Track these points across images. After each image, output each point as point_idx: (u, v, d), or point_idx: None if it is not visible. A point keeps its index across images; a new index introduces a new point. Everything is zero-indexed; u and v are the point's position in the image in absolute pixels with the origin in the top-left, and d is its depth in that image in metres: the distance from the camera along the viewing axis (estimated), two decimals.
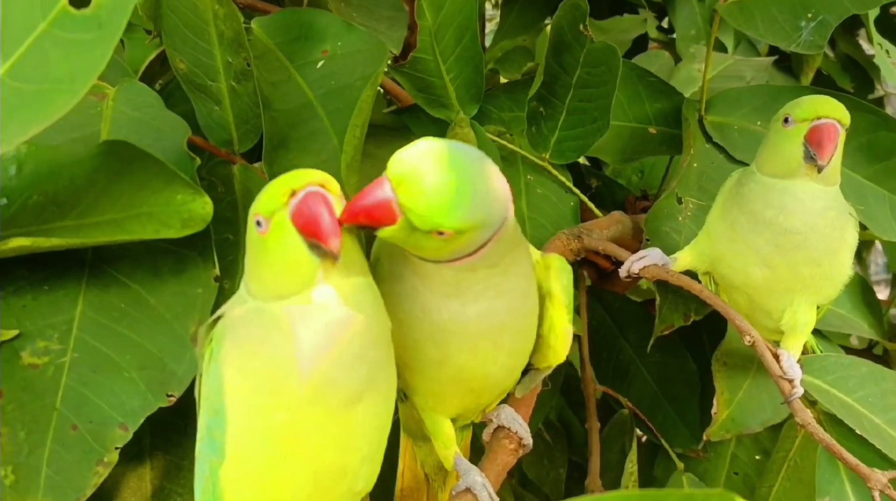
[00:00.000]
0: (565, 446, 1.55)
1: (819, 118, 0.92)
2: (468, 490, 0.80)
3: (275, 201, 0.64)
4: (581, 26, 1.11)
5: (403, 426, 0.94)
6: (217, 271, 0.80)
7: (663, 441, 1.27)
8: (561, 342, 0.84)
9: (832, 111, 0.92)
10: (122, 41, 1.05)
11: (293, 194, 0.64)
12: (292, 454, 0.64)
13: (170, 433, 0.91)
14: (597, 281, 1.43)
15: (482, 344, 0.76)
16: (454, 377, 0.78)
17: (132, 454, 0.92)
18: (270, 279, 0.64)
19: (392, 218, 0.65)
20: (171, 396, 0.76)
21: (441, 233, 0.65)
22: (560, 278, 0.83)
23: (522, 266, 0.77)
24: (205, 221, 0.74)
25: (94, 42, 0.58)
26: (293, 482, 0.65)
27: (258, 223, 0.64)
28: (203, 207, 0.74)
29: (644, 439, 1.44)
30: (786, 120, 0.94)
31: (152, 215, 0.73)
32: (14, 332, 0.73)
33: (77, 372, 0.75)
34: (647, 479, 1.30)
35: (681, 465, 1.25)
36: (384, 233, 0.66)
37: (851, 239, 0.97)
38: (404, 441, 0.96)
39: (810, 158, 0.92)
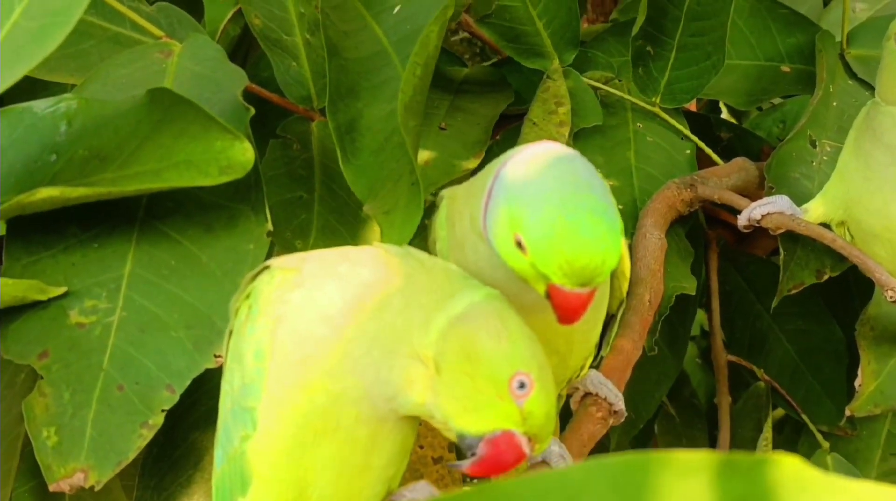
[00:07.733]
0: (704, 424, 1.43)
1: None
2: (544, 462, 0.72)
3: None
4: None
5: None
6: (270, 227, 0.76)
7: (805, 418, 1.13)
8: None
9: None
10: (200, 0, 1.03)
11: None
12: (322, 442, 0.59)
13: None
14: (733, 243, 1.30)
15: None
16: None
17: None
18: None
19: None
20: (219, 356, 0.72)
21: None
22: None
23: None
24: (244, 168, 0.69)
25: None
26: (320, 472, 0.60)
27: None
28: (243, 153, 0.69)
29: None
30: None
31: (190, 162, 0.69)
32: (62, 289, 0.71)
33: (125, 331, 0.72)
34: None
35: (826, 444, 1.11)
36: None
37: None
38: None
39: None
